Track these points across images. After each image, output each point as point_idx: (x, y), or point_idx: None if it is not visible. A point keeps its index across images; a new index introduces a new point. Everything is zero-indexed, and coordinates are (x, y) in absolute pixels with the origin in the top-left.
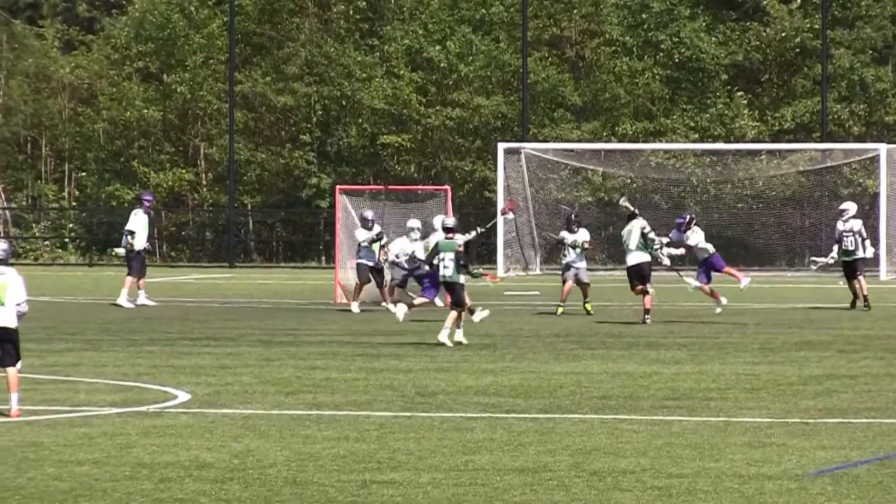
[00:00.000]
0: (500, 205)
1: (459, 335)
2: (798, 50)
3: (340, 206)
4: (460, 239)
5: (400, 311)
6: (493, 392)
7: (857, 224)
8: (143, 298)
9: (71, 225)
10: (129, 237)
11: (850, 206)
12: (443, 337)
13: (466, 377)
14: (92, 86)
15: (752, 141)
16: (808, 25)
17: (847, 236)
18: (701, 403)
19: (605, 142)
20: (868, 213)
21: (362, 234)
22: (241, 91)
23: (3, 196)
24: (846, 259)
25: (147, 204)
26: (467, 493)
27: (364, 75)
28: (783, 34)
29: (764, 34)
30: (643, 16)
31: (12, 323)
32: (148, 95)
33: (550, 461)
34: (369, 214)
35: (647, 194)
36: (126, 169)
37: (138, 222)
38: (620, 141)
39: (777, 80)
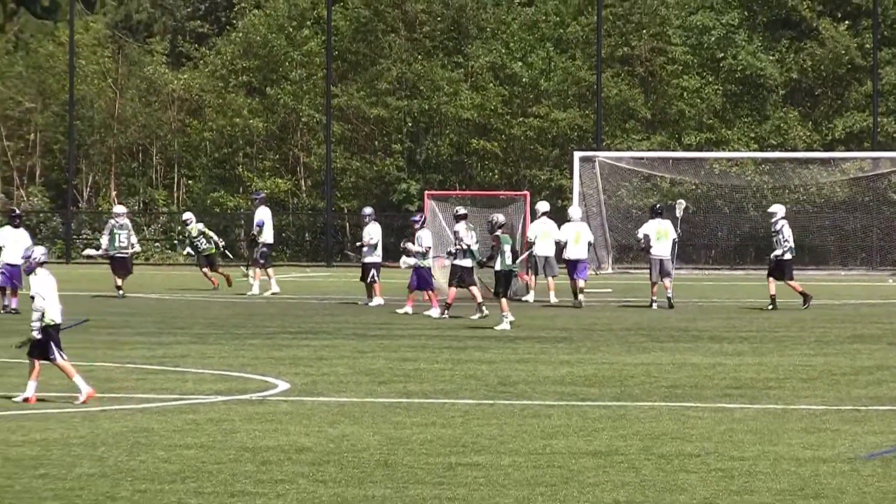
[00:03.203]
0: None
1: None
2: (849, 66)
3: (429, 209)
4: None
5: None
6: (569, 381)
7: (781, 225)
8: (274, 287)
9: (179, 227)
10: (259, 227)
11: (778, 209)
12: (505, 325)
13: (544, 368)
14: (199, 99)
15: (806, 150)
16: (858, 44)
17: (774, 237)
18: (761, 392)
19: (672, 151)
20: None
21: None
22: (338, 104)
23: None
24: (778, 259)
25: (261, 196)
26: (545, 475)
27: (451, 90)
28: (835, 52)
29: (817, 53)
30: (705, 37)
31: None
32: (252, 108)
33: (622, 445)
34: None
35: (712, 199)
36: (230, 176)
37: (266, 214)
38: (686, 150)
39: (830, 94)
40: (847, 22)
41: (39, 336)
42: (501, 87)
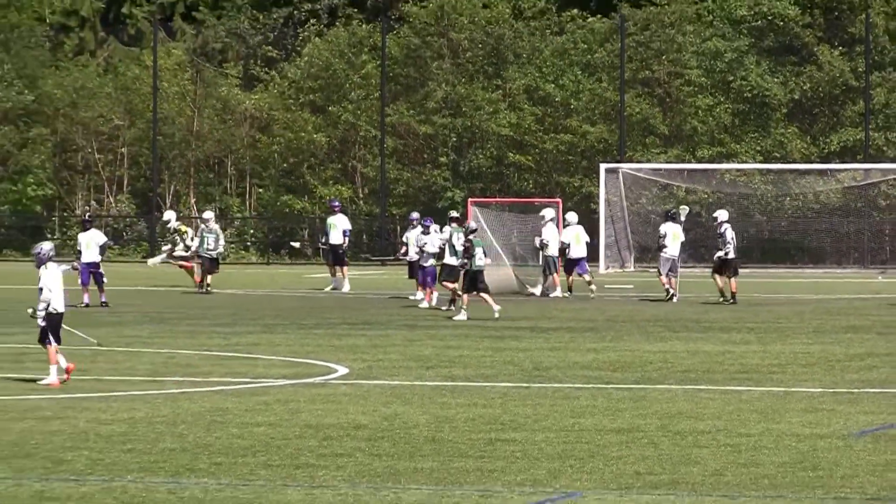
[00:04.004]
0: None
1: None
2: (844, 88)
3: (472, 215)
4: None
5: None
6: (595, 367)
7: (724, 228)
8: (345, 286)
9: (251, 231)
10: (347, 233)
11: (721, 214)
12: (464, 316)
13: (574, 355)
14: (269, 116)
15: (805, 162)
16: (852, 68)
17: (718, 239)
18: (765, 376)
19: (687, 163)
20: None
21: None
22: (391, 121)
23: (195, 207)
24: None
25: (338, 207)
26: (574, 449)
27: (490, 109)
28: (831, 75)
29: (816, 76)
30: (717, 61)
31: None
32: (315, 124)
33: (642, 423)
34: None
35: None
36: (296, 184)
37: (345, 221)
38: (699, 162)
39: (827, 112)
40: (842, 48)
41: (43, 323)
42: (535, 106)
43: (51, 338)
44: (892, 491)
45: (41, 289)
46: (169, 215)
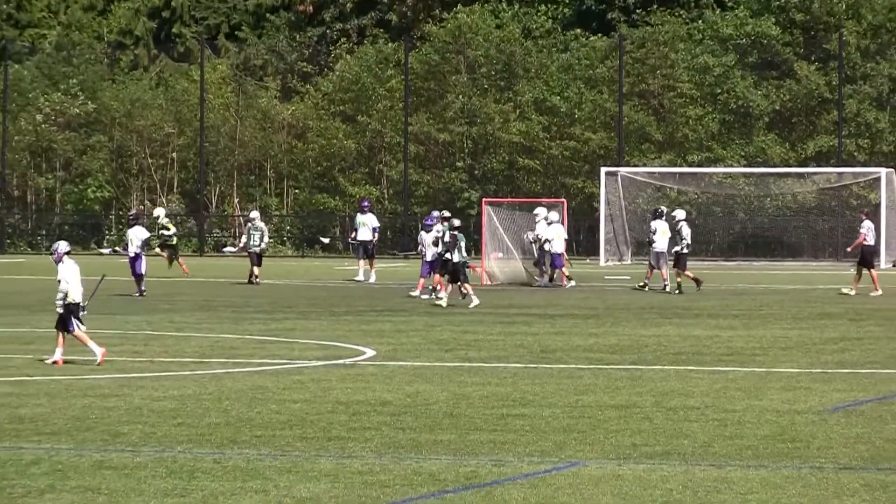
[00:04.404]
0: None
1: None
2: (819, 99)
3: (486, 214)
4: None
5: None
6: (596, 349)
7: (681, 225)
8: (372, 278)
9: (288, 227)
10: (376, 230)
11: (679, 213)
12: (442, 302)
13: (577, 338)
14: (304, 125)
15: (785, 166)
16: (826, 81)
17: (676, 236)
18: (748, 358)
19: (679, 167)
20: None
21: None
22: (413, 130)
23: (238, 206)
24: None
25: (367, 206)
26: (577, 423)
27: (502, 119)
28: (808, 88)
29: (794, 88)
30: (706, 75)
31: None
32: (345, 132)
33: (638, 400)
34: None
35: (710, 206)
36: (329, 185)
37: (374, 219)
38: (689, 166)
39: (804, 121)
40: (818, 64)
41: (62, 311)
42: (542, 116)
43: (73, 323)
44: (862, 461)
45: (59, 281)
46: (158, 212)
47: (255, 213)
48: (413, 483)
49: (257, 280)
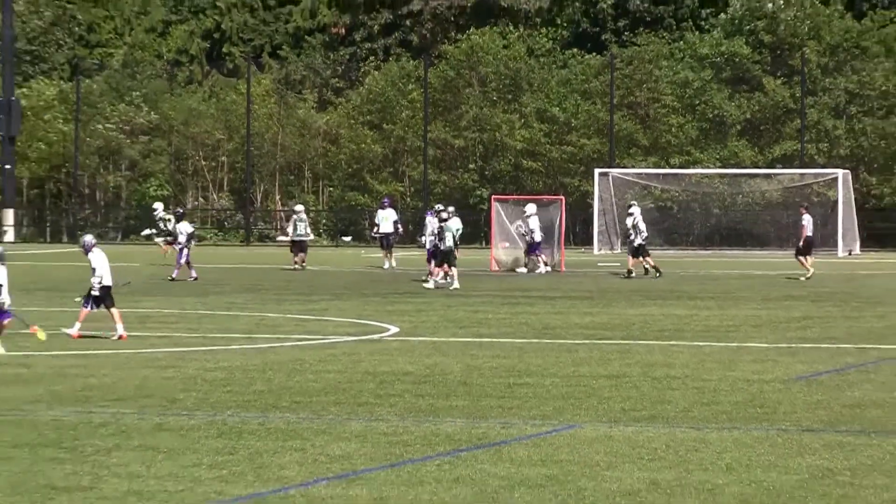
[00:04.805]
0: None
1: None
2: (784, 109)
3: (494, 209)
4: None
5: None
6: (591, 327)
7: (637, 220)
8: (388, 264)
9: (323, 220)
10: (399, 224)
11: (635, 210)
12: (431, 285)
13: (574, 317)
14: (337, 132)
15: (754, 167)
16: (791, 94)
17: (632, 229)
18: (724, 334)
19: (662, 168)
20: (829, 215)
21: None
22: (432, 136)
23: (280, 203)
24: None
25: (387, 203)
26: (574, 391)
27: (508, 127)
28: (775, 100)
29: (762, 100)
30: (686, 88)
31: (108, 282)
32: (373, 138)
33: (627, 370)
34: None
35: (689, 202)
36: (358, 184)
37: (393, 214)
38: (671, 168)
39: (771, 129)
40: (783, 78)
41: (98, 293)
42: (544, 124)
43: (105, 304)
44: (821, 424)
45: (93, 269)
46: (158, 206)
47: (299, 206)
48: (431, 443)
49: (304, 266)
